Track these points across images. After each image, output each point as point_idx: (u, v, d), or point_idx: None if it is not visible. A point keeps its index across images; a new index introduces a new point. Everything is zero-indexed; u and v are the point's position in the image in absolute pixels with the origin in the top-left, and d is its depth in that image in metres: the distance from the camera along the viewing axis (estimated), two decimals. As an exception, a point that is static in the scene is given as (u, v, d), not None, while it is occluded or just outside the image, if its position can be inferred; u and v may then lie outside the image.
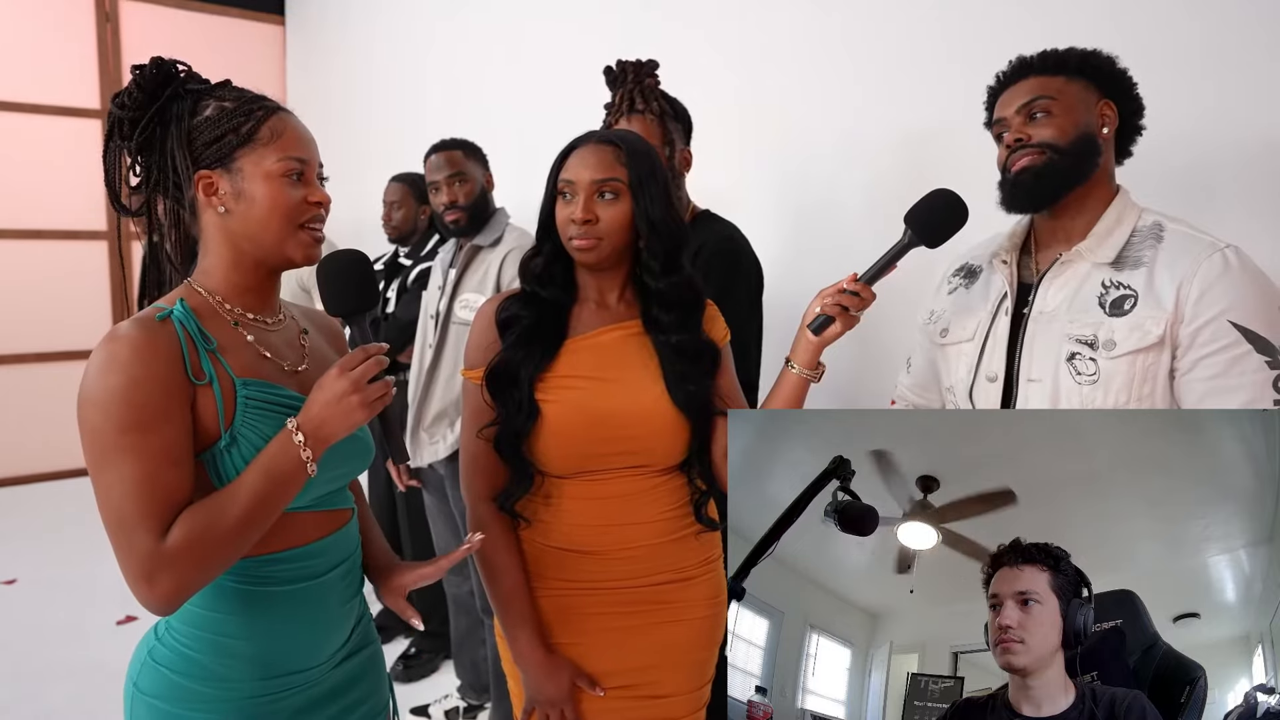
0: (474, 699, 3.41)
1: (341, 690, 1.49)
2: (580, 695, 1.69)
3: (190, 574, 1.22)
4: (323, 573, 1.42)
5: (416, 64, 5.43)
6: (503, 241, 3.00)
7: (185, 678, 1.35)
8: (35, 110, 6.30)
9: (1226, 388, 1.47)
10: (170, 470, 1.23)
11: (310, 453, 1.27)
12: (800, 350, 1.61)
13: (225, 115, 1.35)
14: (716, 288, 2.29)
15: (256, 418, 1.32)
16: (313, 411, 1.29)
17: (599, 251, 1.63)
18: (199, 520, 1.22)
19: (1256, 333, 1.46)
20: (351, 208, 5.05)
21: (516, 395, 1.64)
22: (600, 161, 1.63)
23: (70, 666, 3.73)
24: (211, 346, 1.32)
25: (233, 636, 1.35)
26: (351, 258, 1.43)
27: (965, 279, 1.84)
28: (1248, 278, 1.49)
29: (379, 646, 1.62)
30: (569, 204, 1.63)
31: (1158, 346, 1.50)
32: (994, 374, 1.68)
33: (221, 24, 6.98)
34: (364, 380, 1.29)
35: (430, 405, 3.09)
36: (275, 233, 1.36)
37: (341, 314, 1.43)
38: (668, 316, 1.68)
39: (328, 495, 1.44)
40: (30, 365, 6.39)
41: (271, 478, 1.26)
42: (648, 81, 2.37)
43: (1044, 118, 1.61)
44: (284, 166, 1.36)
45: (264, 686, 1.38)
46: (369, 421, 1.36)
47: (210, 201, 1.36)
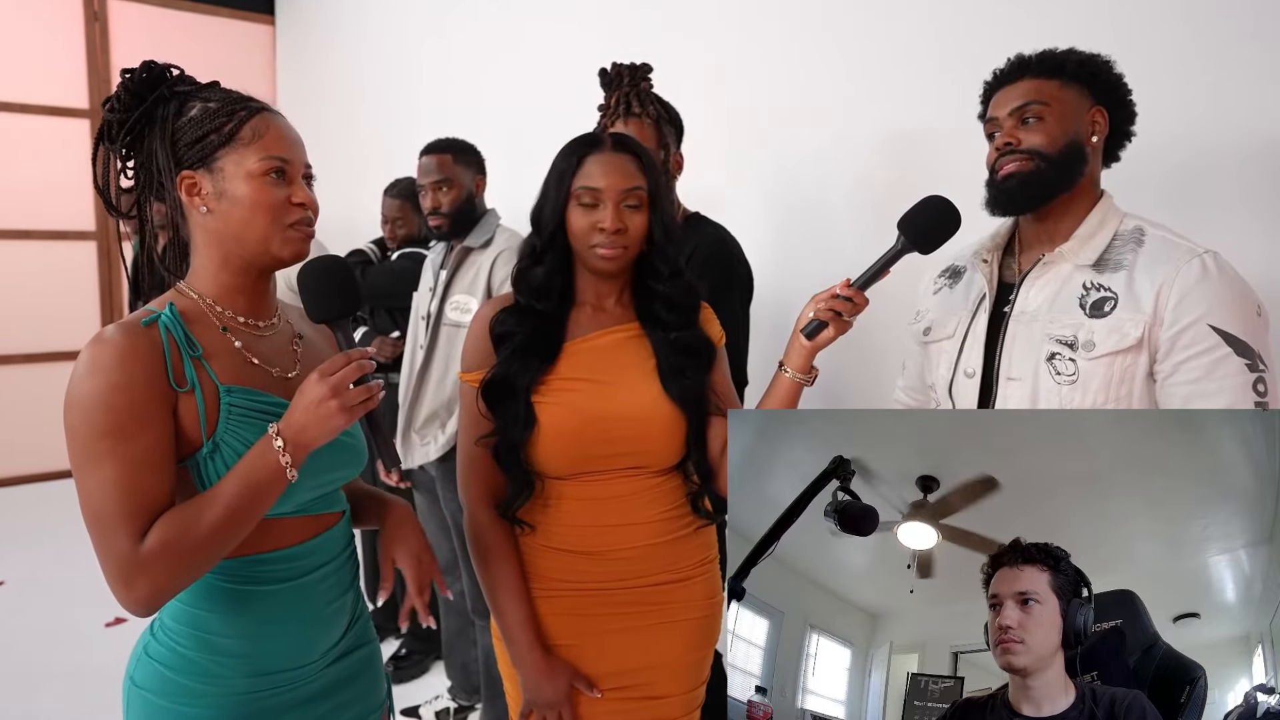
0: (464, 700, 3.40)
1: (335, 688, 1.49)
2: (577, 697, 1.69)
3: (166, 577, 1.22)
4: (308, 572, 1.42)
5: (407, 64, 5.42)
6: (493, 243, 2.99)
7: (177, 673, 1.36)
8: (23, 110, 6.26)
9: (1208, 391, 1.48)
10: (149, 475, 1.23)
11: (290, 459, 1.26)
12: (793, 354, 1.61)
13: (208, 115, 1.35)
14: (710, 290, 2.29)
15: (240, 425, 1.31)
16: (293, 417, 1.27)
17: (622, 260, 1.64)
18: (176, 525, 1.22)
19: (1235, 336, 1.48)
20: (342, 208, 5.05)
21: (513, 407, 1.64)
22: (625, 171, 1.63)
23: (59, 668, 3.71)
24: (196, 352, 1.31)
25: (221, 634, 1.36)
26: (330, 263, 1.42)
27: (950, 279, 1.86)
28: (1226, 283, 1.51)
29: (376, 646, 1.61)
30: (593, 212, 1.62)
31: (1136, 348, 1.52)
32: (971, 370, 1.70)
33: (211, 24, 6.95)
34: (344, 385, 1.27)
35: (421, 407, 3.08)
36: (259, 231, 1.35)
37: (323, 320, 1.42)
38: (670, 316, 1.69)
39: (314, 501, 1.44)
40: (18, 366, 6.35)
41: (250, 484, 1.25)
42: (642, 85, 2.38)
43: (1035, 123, 1.62)
44: (265, 165, 1.34)
45: (254, 684, 1.38)
46: (363, 426, 1.35)
47: (193, 202, 1.36)
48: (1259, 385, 1.47)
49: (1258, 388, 1.47)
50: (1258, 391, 1.47)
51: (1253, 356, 1.48)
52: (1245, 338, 1.48)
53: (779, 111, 3.14)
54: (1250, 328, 1.49)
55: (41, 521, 5.61)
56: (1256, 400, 1.47)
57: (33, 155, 6.28)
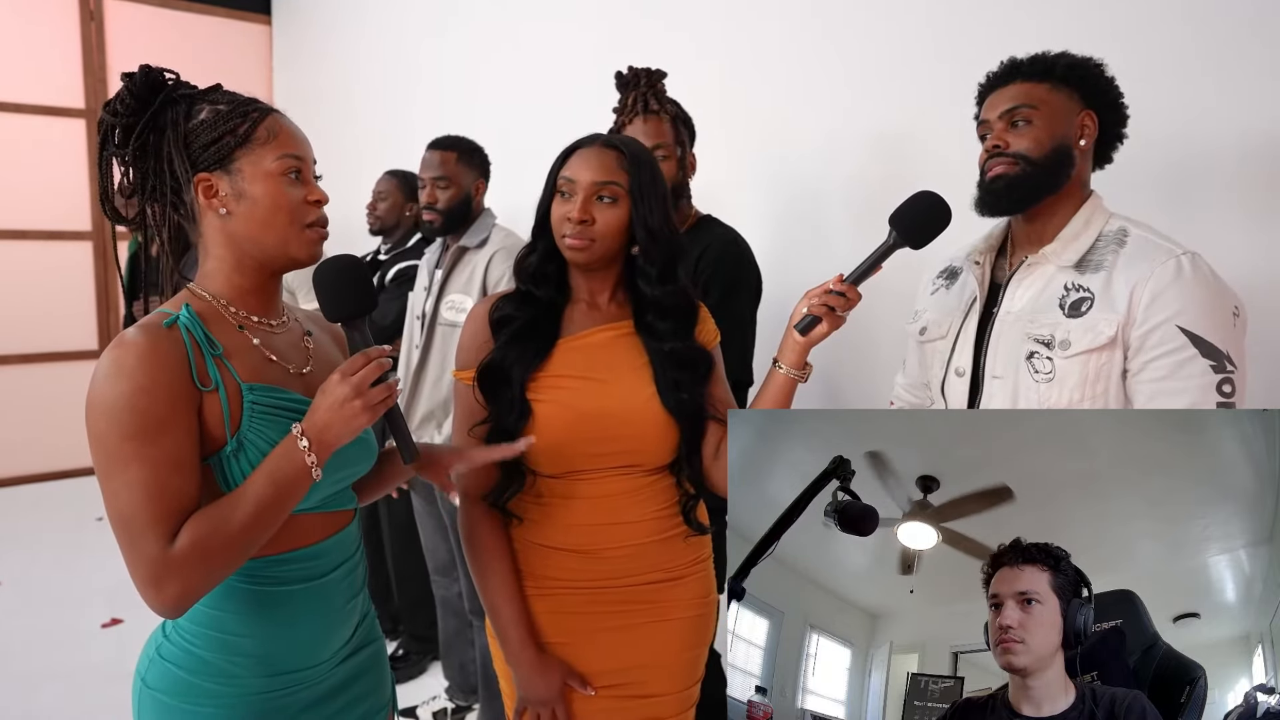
0: (462, 700, 3.40)
1: (345, 686, 1.51)
2: (571, 695, 1.69)
3: (197, 578, 1.23)
4: (327, 572, 1.44)
5: (403, 64, 5.41)
6: (489, 243, 2.99)
7: (192, 674, 1.36)
8: (18, 110, 6.24)
9: (1171, 390, 1.52)
10: (176, 476, 1.24)
11: (315, 458, 1.28)
12: (787, 351, 1.61)
13: (221, 118, 1.35)
14: (723, 285, 2.31)
15: (262, 423, 1.32)
16: (317, 416, 1.29)
17: (591, 252, 1.64)
18: (205, 526, 1.23)
19: (1203, 338, 1.50)
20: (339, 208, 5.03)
21: (508, 395, 1.65)
22: (603, 164, 1.64)
23: (56, 669, 3.70)
24: (218, 352, 1.33)
25: (239, 635, 1.37)
26: (346, 262, 1.43)
27: (947, 280, 1.90)
28: (1200, 284, 1.53)
29: (382, 643, 1.63)
30: (566, 202, 1.64)
31: (1109, 347, 1.55)
32: (961, 369, 1.75)
33: (207, 23, 6.94)
34: (366, 384, 1.29)
35: (417, 407, 3.08)
36: (278, 232, 1.37)
37: (340, 319, 1.42)
38: (663, 324, 1.69)
39: (332, 496, 1.46)
40: (14, 367, 6.33)
41: (277, 483, 1.27)
42: (658, 86, 2.43)
43: (1024, 126, 1.65)
44: (283, 165, 1.36)
45: (270, 683, 1.39)
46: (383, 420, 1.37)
47: (211, 204, 1.36)
48: (1224, 386, 1.50)
49: (1223, 388, 1.50)
50: (1222, 392, 1.50)
51: (1219, 358, 1.50)
52: (1214, 339, 1.50)
53: (776, 111, 3.14)
54: (1220, 329, 1.52)
55: (39, 522, 5.61)
56: (1220, 401, 1.50)
57: (28, 155, 6.26)
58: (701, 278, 2.31)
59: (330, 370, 1.35)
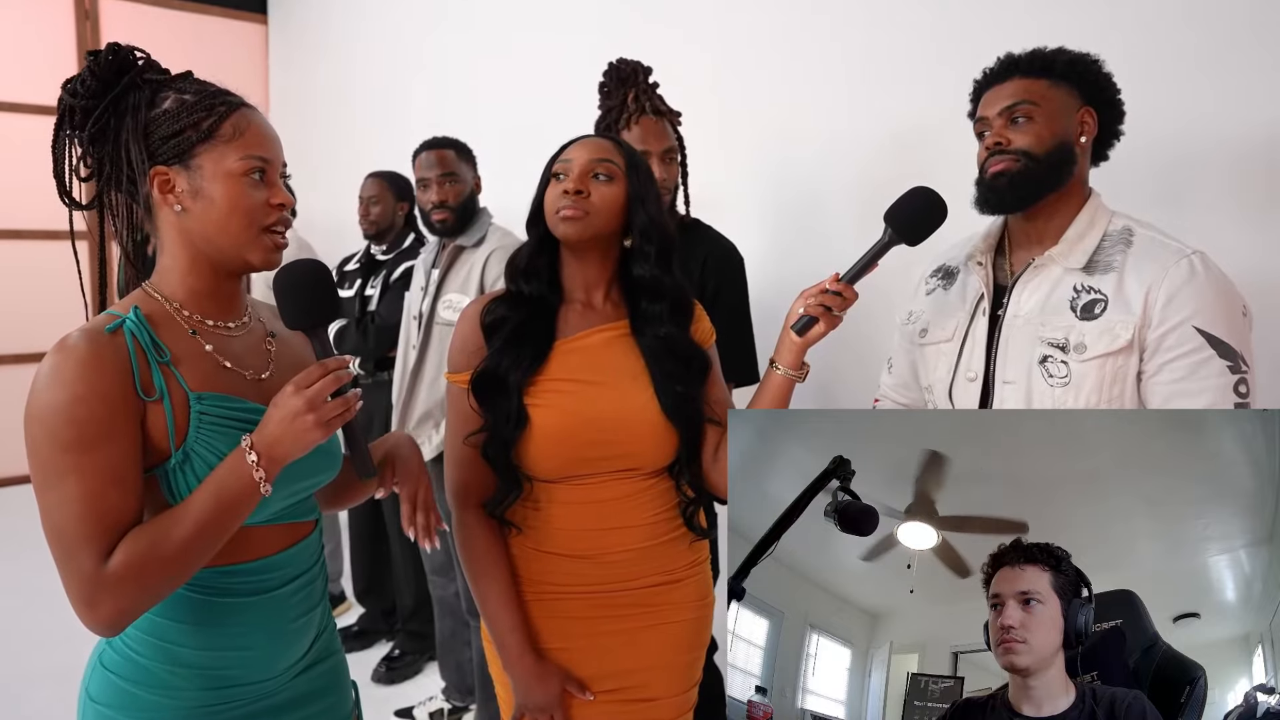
0: (459, 701, 3.39)
1: (301, 701, 1.44)
2: (570, 700, 1.68)
3: (132, 598, 1.17)
4: (280, 585, 1.37)
5: (400, 63, 5.40)
6: (486, 242, 3.00)
7: (132, 684, 1.31)
8: (13, 109, 6.23)
9: (1189, 391, 1.51)
10: (114, 490, 1.17)
11: (264, 473, 1.21)
12: (784, 351, 1.60)
13: (185, 109, 1.28)
14: (725, 283, 2.30)
15: (211, 434, 1.25)
16: (267, 430, 1.22)
17: (585, 225, 1.60)
18: (142, 542, 1.17)
19: (1219, 338, 1.50)
20: (334, 207, 5.03)
21: (505, 404, 1.61)
22: (599, 146, 1.65)
23: (46, 672, 3.67)
24: (165, 358, 1.25)
25: (182, 645, 1.30)
26: (308, 268, 1.34)
27: (943, 280, 1.87)
28: (1212, 284, 1.53)
29: (342, 657, 1.57)
30: (562, 183, 1.62)
31: (1127, 350, 1.54)
32: (974, 374, 1.72)
33: (203, 22, 6.92)
34: (320, 397, 1.22)
35: (415, 407, 3.07)
36: (234, 235, 1.29)
37: (299, 327, 1.34)
38: (656, 307, 1.67)
39: (289, 508, 1.39)
40: (12, 366, 6.31)
41: (220, 499, 1.20)
42: (652, 83, 2.42)
43: (1024, 123, 1.63)
44: (246, 165, 1.29)
45: (212, 696, 1.33)
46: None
47: (166, 199, 1.29)
48: (1240, 386, 1.50)
49: (1239, 389, 1.50)
50: (1239, 393, 1.50)
51: (1235, 358, 1.50)
52: (1229, 339, 1.50)
53: (775, 111, 3.14)
54: (1234, 329, 1.52)
55: (28, 525, 5.56)
56: (1237, 401, 1.49)
57: (24, 154, 6.20)
58: (710, 281, 2.30)
59: (294, 374, 1.27)
